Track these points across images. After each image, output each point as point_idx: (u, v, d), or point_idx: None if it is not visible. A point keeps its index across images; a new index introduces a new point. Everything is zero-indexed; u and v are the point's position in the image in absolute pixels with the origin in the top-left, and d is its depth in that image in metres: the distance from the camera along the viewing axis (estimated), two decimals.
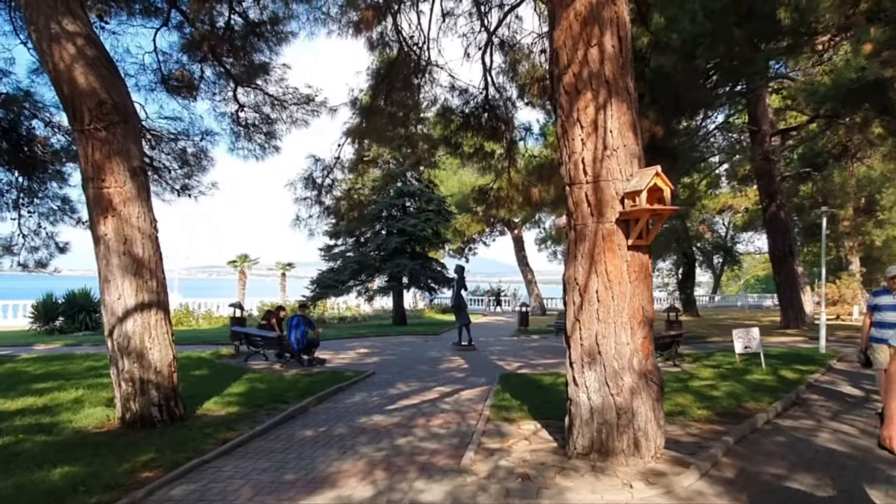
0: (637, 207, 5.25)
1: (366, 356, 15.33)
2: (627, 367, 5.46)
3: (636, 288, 5.51)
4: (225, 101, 12.43)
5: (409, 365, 13.68)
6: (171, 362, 7.69)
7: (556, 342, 18.96)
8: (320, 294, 25.82)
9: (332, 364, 13.59)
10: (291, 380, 10.99)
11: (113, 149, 7.29)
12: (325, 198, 10.94)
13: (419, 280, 26.11)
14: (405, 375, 12.07)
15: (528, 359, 14.90)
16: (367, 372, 12.11)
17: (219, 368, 12.21)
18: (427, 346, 18.08)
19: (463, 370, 12.91)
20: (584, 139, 5.51)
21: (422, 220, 25.43)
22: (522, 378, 11.23)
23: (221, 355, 14.35)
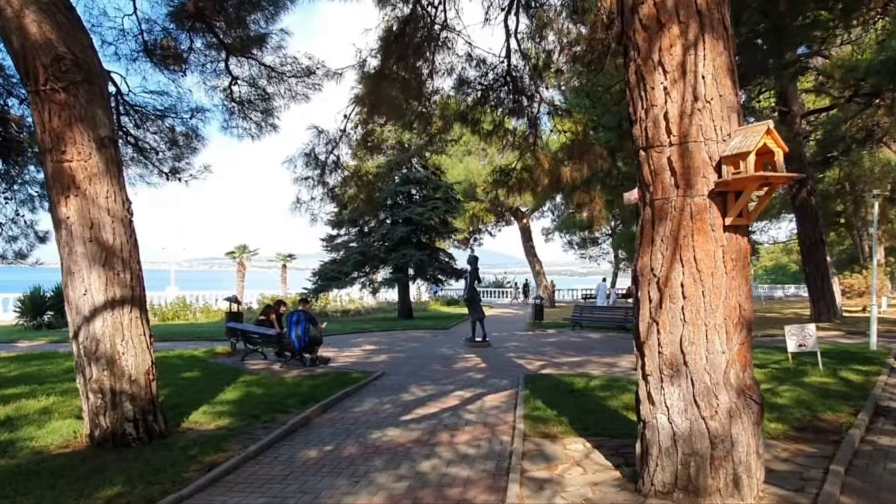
0: (741, 175, 4.02)
1: (373, 354, 14.14)
2: (723, 383, 4.25)
3: (733, 280, 4.30)
4: (216, 74, 11.16)
5: (421, 364, 12.49)
6: (149, 369, 6.48)
7: (575, 337, 17.78)
8: (323, 286, 24.62)
9: (337, 363, 12.41)
10: (292, 383, 9.80)
11: (74, 114, 6.06)
12: (328, 177, 9.70)
13: (426, 271, 24.91)
14: (418, 377, 10.88)
15: (549, 356, 13.70)
16: (375, 373, 10.92)
17: (212, 369, 11.03)
18: (437, 341, 16.90)
19: (481, 370, 11.72)
20: (667, 88, 4.27)
21: (428, 209, 24.19)
22: (550, 380, 10.04)
23: (216, 354, 13.16)
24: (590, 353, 14.29)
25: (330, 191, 9.86)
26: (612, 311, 20.28)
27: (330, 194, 9.88)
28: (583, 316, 20.31)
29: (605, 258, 54.73)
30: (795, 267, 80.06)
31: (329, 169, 9.63)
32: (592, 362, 12.79)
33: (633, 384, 9.72)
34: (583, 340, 16.95)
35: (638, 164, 4.55)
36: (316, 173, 9.52)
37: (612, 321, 19.57)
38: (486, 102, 10.75)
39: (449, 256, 27.00)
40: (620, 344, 15.99)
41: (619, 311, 19.82)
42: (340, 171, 9.95)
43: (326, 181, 9.70)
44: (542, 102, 10.04)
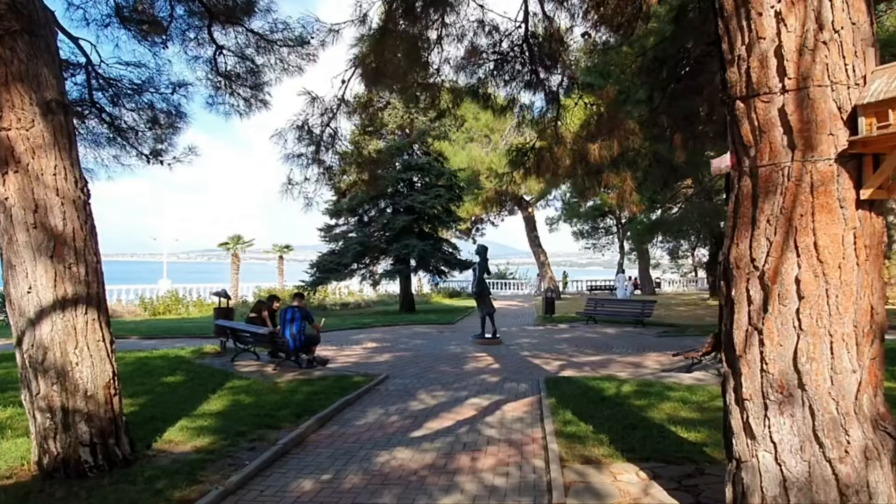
0: (890, 131, 2.91)
1: (374, 352, 13.07)
2: (854, 412, 3.17)
3: (867, 275, 3.21)
4: (199, 43, 10.01)
5: (429, 364, 11.42)
6: (110, 382, 5.38)
7: (590, 332, 16.71)
8: (321, 279, 23.52)
9: (336, 364, 11.34)
10: (286, 389, 8.72)
11: (11, 72, 4.94)
12: (324, 155, 8.54)
13: (429, 262, 23.81)
14: (426, 380, 9.81)
15: (566, 355, 12.64)
16: (378, 375, 9.84)
17: (198, 373, 9.94)
18: (444, 338, 15.82)
19: (495, 372, 10.66)
20: (781, 13, 3.16)
21: (431, 197, 23.07)
22: (574, 385, 8.96)
23: (205, 353, 12.07)
24: (610, 351, 13.23)
25: (326, 170, 8.69)
26: (628, 305, 19.22)
27: (327, 174, 8.72)
28: (597, 309, 19.24)
29: (609, 248, 53.64)
30: None
31: (325, 144, 8.48)
32: (615, 362, 11.73)
33: (669, 390, 8.68)
34: (599, 336, 15.88)
35: (732, 120, 3.44)
36: (310, 150, 8.37)
37: (628, 315, 18.51)
38: (502, 73, 9.62)
39: (453, 247, 25.89)
40: (640, 340, 14.93)
41: (635, 304, 18.75)
42: (339, 144, 8.77)
43: (322, 159, 8.54)
44: (565, 72, 8.91)
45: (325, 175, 8.69)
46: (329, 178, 8.84)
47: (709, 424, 6.46)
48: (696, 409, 7.27)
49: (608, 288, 43.82)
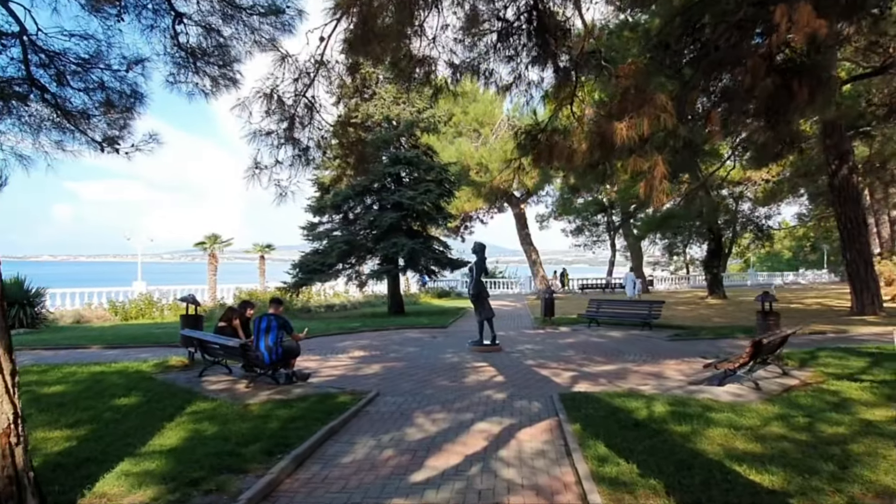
0: None
1: (363, 363, 11.74)
2: None
3: None
4: (155, 11, 8.61)
5: (424, 377, 10.12)
6: (10, 428, 4.02)
7: (595, 337, 15.50)
8: (303, 280, 22.08)
9: (319, 378, 10.01)
10: (258, 414, 7.37)
11: None
12: (300, 133, 7.10)
13: (418, 262, 22.46)
14: (423, 397, 8.51)
15: (576, 364, 11.40)
16: (367, 393, 8.53)
17: (157, 392, 8.54)
18: (438, 344, 14.52)
19: (499, 386, 9.38)
20: None
21: (420, 192, 21.71)
22: (596, 404, 7.70)
23: (169, 367, 10.66)
24: (622, 358, 12.01)
25: (303, 152, 7.27)
26: (633, 306, 18.01)
27: (303, 157, 7.30)
28: (599, 311, 18.01)
29: (600, 246, 52.66)
30: (789, 254, 79.00)
31: (300, 119, 7.06)
32: (632, 372, 10.52)
33: (709, 410, 7.43)
34: (606, 341, 14.65)
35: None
36: (282, 127, 6.98)
37: (634, 317, 17.31)
38: (508, 44, 8.33)
39: (443, 245, 24.57)
40: (652, 346, 13.74)
41: (642, 305, 17.56)
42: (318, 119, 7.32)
43: (297, 138, 7.13)
44: (583, 42, 7.63)
45: (301, 158, 7.28)
46: (306, 162, 7.42)
47: (780, 461, 5.24)
48: (752, 437, 6.05)
49: (601, 286, 42.81)
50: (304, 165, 7.38)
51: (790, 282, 54.48)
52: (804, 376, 9.38)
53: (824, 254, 63.87)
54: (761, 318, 11.94)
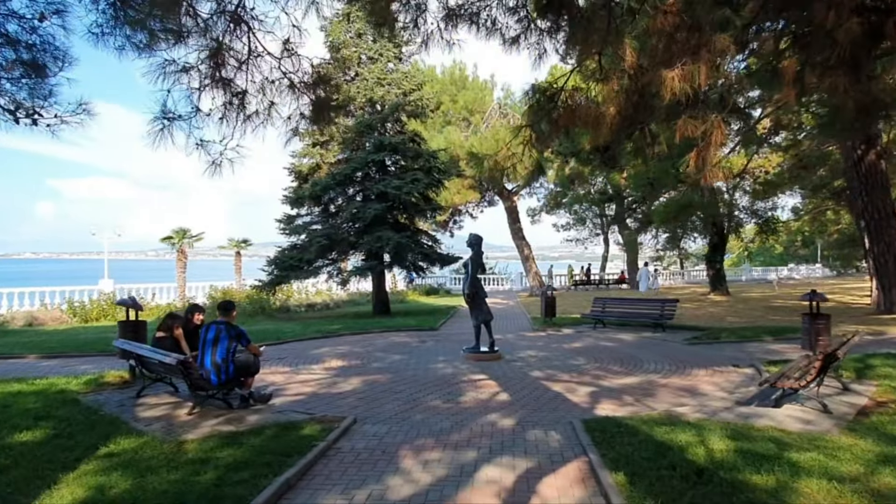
0: None
1: (339, 375, 9.96)
2: None
3: None
4: None
5: (412, 395, 8.37)
6: None
7: (605, 340, 13.81)
8: (280, 277, 20.19)
9: (284, 397, 8.23)
10: (194, 457, 5.57)
11: None
12: (232, 71, 5.17)
13: (405, 257, 20.67)
14: (410, 426, 6.77)
15: (591, 376, 9.70)
16: (341, 421, 6.77)
17: (74, 423, 6.72)
18: (427, 350, 12.76)
19: (505, 407, 7.65)
20: None
21: (407, 182, 19.88)
22: (632, 435, 6.01)
23: (104, 384, 8.83)
24: (643, 367, 10.34)
25: (238, 97, 5.41)
26: (643, 305, 16.32)
27: (239, 103, 5.44)
28: (605, 311, 16.33)
29: (592, 241, 51.16)
30: (781, 248, 77.90)
31: (231, 52, 5.18)
32: (659, 386, 8.84)
33: (786, 447, 5.53)
34: (618, 345, 12.98)
35: None
36: (202, 57, 5.14)
37: (644, 318, 15.64)
38: None
39: (432, 239, 22.80)
40: (670, 351, 12.08)
41: (653, 304, 15.87)
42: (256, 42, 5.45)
43: (228, 78, 5.27)
44: None
45: (236, 106, 5.44)
46: (244, 113, 5.53)
47: None
48: (868, 494, 4.37)
49: (595, 283, 41.27)
50: (244, 120, 5.52)
51: (784, 277, 53.26)
52: (869, 391, 7.78)
53: (818, 248, 62.92)
54: (808, 322, 10.29)
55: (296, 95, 5.46)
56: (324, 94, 5.34)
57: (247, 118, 5.41)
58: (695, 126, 5.56)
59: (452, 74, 33.76)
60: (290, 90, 5.39)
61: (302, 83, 5.39)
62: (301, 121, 5.63)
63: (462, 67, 33.99)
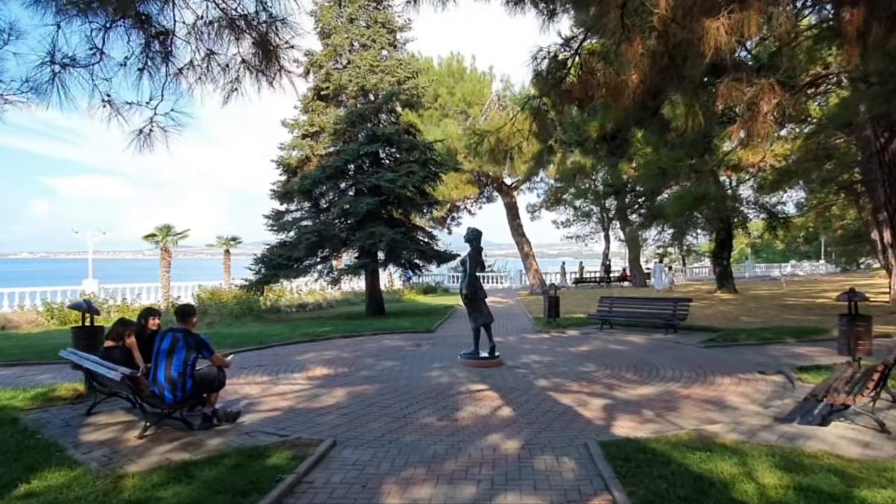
0: None
1: (322, 386, 8.94)
2: None
3: None
4: None
5: (403, 410, 7.35)
6: None
7: (613, 343, 12.82)
8: (267, 276, 19.12)
9: (256, 413, 7.21)
10: (131, 498, 4.56)
11: None
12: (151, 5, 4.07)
13: (400, 254, 19.64)
14: (399, 450, 5.76)
15: (603, 385, 8.69)
16: (317, 445, 5.76)
17: (6, 447, 5.71)
18: (422, 355, 11.74)
19: (508, 425, 6.64)
20: None
21: (401, 175, 18.83)
22: (662, 465, 5.02)
23: (53, 399, 7.80)
24: (659, 375, 9.34)
25: (158, 39, 4.23)
26: (653, 305, 15.28)
27: (162, 54, 4.33)
28: (612, 311, 15.31)
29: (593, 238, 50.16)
30: (782, 245, 76.93)
31: None
32: (682, 398, 7.83)
33: (854, 482, 4.59)
34: (628, 349, 11.97)
35: None
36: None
37: (654, 318, 14.61)
38: None
39: (429, 236, 21.77)
40: (686, 355, 11.09)
41: (664, 304, 14.83)
42: None
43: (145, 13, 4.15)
44: None
45: (159, 53, 4.36)
46: (173, 64, 4.47)
47: None
48: None
49: (594, 280, 40.30)
50: (175, 74, 4.40)
51: (788, 273, 52.30)
52: None
53: (821, 244, 61.99)
54: (846, 323, 9.27)
55: (235, 35, 4.38)
56: (271, 32, 4.23)
57: (179, 72, 4.34)
58: (740, 91, 4.54)
59: (450, 66, 32.71)
60: (230, 30, 4.31)
61: (242, 18, 4.30)
62: (243, 70, 4.55)
63: (460, 59, 32.94)
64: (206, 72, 4.25)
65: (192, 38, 4.06)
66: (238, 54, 4.19)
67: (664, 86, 5.28)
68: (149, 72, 4.18)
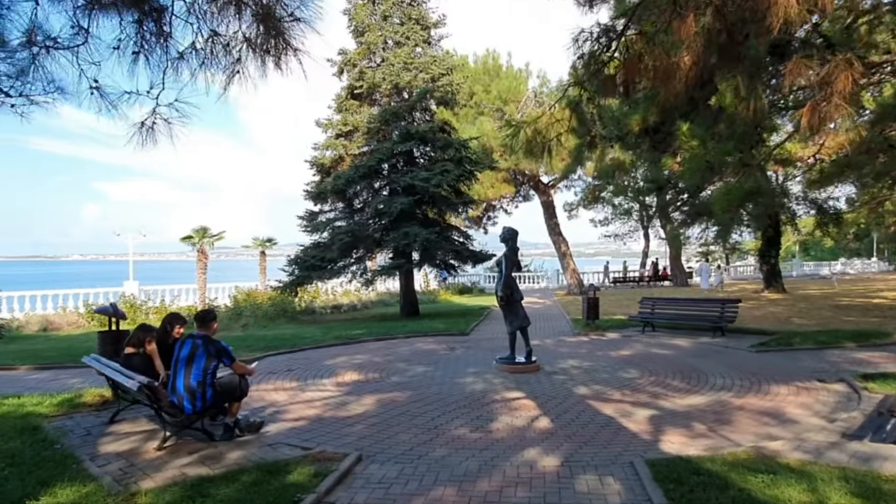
0: None
1: (352, 392, 8.60)
2: None
3: None
4: None
5: (434, 421, 6.95)
6: None
7: (656, 346, 12.21)
8: (301, 278, 18.99)
9: (281, 423, 6.90)
10: None
11: None
12: None
13: (434, 255, 19.28)
14: (428, 466, 5.37)
15: (648, 394, 8.15)
16: (341, 459, 5.41)
17: (18, 461, 5.51)
18: (456, 360, 11.34)
19: (546, 439, 6.18)
20: None
21: (436, 173, 18.46)
22: (722, 490, 4.51)
23: (79, 405, 7.65)
24: (709, 383, 8.73)
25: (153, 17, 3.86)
26: (699, 306, 14.54)
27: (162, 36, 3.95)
28: (654, 313, 14.64)
29: (632, 236, 49.06)
30: (831, 242, 74.06)
31: None
32: (735, 409, 7.24)
33: None
34: (674, 354, 11.35)
35: None
36: None
37: (700, 320, 13.89)
38: None
39: (464, 236, 21.34)
40: (737, 360, 10.42)
41: (711, 305, 14.10)
42: None
43: None
44: None
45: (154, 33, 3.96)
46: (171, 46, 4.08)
47: None
48: None
49: (633, 280, 39.26)
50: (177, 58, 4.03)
51: (838, 272, 50.18)
52: None
53: (873, 241, 59.47)
54: None
55: (236, 9, 3.96)
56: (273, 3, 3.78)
57: (180, 56, 3.97)
58: (810, 68, 4.00)
59: (486, 63, 32.20)
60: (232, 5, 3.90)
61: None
62: (245, 49, 4.14)
63: (496, 56, 32.39)
64: (210, 56, 3.89)
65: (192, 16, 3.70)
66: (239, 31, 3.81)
67: (720, 68, 4.75)
68: (145, 56, 3.83)
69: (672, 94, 4.86)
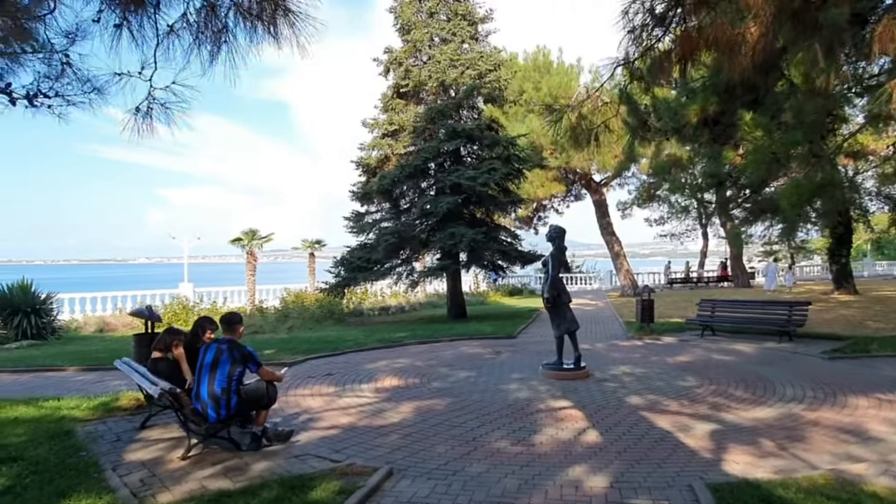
0: None
1: (390, 399, 8.23)
2: None
3: None
4: None
5: (473, 432, 6.50)
6: None
7: (717, 352, 11.42)
8: (347, 279, 18.83)
9: (313, 432, 6.57)
10: None
11: None
12: None
13: (482, 255, 18.81)
14: (464, 483, 4.94)
15: (707, 404, 7.48)
16: (372, 473, 5.03)
17: (42, 468, 5.35)
18: (500, 364, 10.85)
19: (594, 455, 5.65)
20: None
21: (483, 172, 17.99)
22: None
23: (114, 409, 7.53)
24: (777, 394, 7.97)
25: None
26: (764, 309, 13.58)
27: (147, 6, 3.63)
28: (715, 315, 13.76)
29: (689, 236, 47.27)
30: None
31: None
32: (808, 424, 6.52)
33: None
34: (737, 360, 10.56)
35: None
36: None
37: (766, 324, 12.96)
38: None
39: (512, 236, 20.79)
40: (807, 368, 9.59)
41: (778, 308, 13.13)
42: None
43: None
44: None
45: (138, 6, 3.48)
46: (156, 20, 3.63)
47: None
48: None
49: (692, 281, 37.73)
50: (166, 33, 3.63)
51: None
52: None
53: None
54: None
55: None
56: None
57: (170, 29, 3.57)
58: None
59: (536, 60, 31.47)
60: None
61: None
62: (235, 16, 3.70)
63: (546, 52, 31.62)
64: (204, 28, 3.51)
65: None
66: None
67: (793, 38, 4.13)
68: (128, 30, 3.47)
69: (738, 69, 4.26)
